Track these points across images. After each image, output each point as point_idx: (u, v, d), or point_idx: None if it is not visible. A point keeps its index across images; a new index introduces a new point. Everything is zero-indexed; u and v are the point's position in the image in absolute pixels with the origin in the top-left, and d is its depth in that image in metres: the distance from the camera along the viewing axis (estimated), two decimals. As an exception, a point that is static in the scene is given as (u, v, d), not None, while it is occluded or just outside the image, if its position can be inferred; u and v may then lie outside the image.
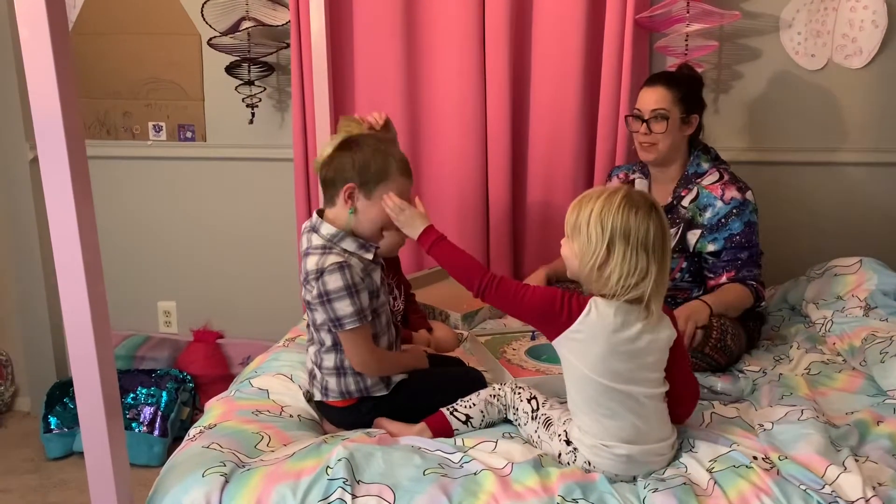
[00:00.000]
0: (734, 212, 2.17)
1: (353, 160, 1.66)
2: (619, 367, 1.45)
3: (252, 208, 2.99)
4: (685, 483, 1.41)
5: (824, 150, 2.68)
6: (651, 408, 1.49)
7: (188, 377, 2.91)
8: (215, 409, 1.75)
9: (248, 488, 1.40)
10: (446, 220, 2.67)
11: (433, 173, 2.74)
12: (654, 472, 1.49)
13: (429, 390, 1.73)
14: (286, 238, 2.92)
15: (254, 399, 1.79)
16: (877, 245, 2.57)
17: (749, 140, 2.71)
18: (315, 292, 1.61)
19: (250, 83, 2.77)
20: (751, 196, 2.20)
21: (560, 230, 2.45)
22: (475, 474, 1.44)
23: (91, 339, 1.27)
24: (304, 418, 1.75)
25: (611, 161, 2.59)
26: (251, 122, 2.82)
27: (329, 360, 1.69)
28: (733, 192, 2.18)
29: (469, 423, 1.64)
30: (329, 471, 1.41)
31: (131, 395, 2.77)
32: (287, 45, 2.74)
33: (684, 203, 2.23)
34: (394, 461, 1.45)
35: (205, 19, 2.70)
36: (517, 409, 1.64)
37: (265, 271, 3.02)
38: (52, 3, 1.15)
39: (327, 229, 1.67)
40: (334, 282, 1.59)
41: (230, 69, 2.76)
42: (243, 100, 2.79)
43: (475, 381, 1.78)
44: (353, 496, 1.37)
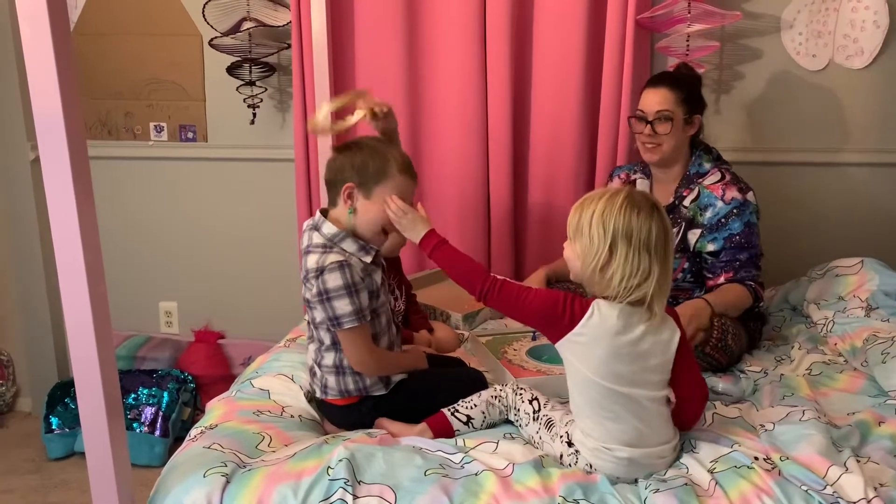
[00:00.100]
0: (734, 212, 2.16)
1: (352, 161, 1.68)
2: (622, 369, 1.45)
3: (253, 209, 2.99)
4: (686, 484, 1.41)
5: (825, 151, 2.68)
6: (653, 411, 1.48)
7: (189, 377, 2.92)
8: (216, 409, 1.75)
9: (250, 489, 1.40)
10: (447, 220, 2.67)
11: (434, 173, 2.74)
12: (656, 473, 1.49)
13: (430, 391, 1.73)
14: (287, 238, 2.92)
15: (255, 399, 1.79)
16: (878, 246, 2.57)
17: (750, 140, 2.71)
18: (315, 290, 1.62)
19: (251, 83, 2.77)
20: (752, 197, 2.20)
21: (561, 230, 2.44)
22: (476, 475, 1.44)
23: (92, 339, 1.27)
24: (305, 419, 1.75)
25: (612, 161, 2.59)
26: (252, 122, 2.83)
27: (328, 359, 1.70)
28: (734, 193, 2.18)
29: (470, 424, 1.64)
30: (330, 471, 1.41)
31: (132, 396, 2.77)
32: (288, 46, 2.74)
33: (685, 203, 2.23)
34: (395, 462, 1.45)
35: (206, 20, 2.70)
36: (518, 410, 1.64)
37: (266, 272, 3.02)
38: (53, 4, 1.15)
39: (329, 229, 1.67)
40: (334, 280, 1.59)
41: (231, 70, 2.76)
42: (244, 100, 2.79)
43: (476, 382, 1.78)
44: (354, 496, 1.37)
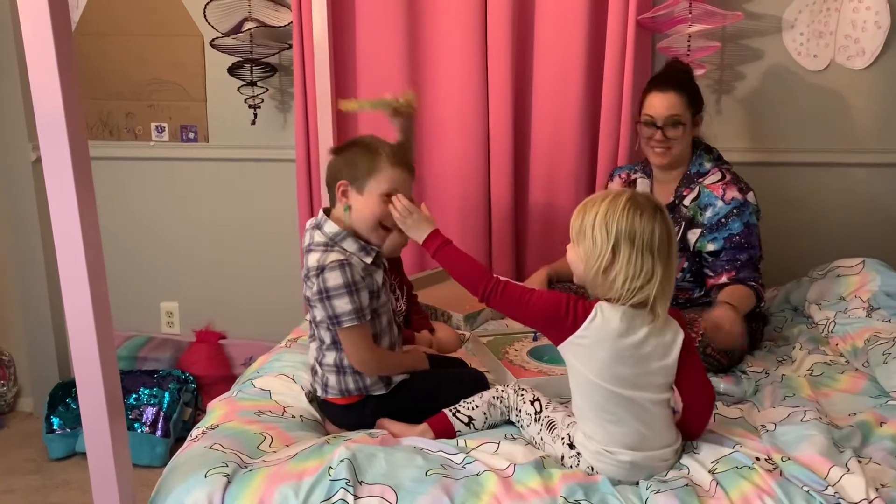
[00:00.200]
0: (734, 212, 2.16)
1: (344, 159, 1.70)
2: (625, 372, 1.45)
3: (254, 209, 2.99)
4: (687, 484, 1.41)
5: (826, 151, 2.68)
6: (656, 414, 1.48)
7: (190, 378, 2.91)
8: (217, 409, 1.75)
9: (251, 489, 1.40)
10: (448, 220, 2.67)
11: (435, 173, 2.74)
12: (657, 474, 1.49)
13: (431, 391, 1.73)
14: (288, 239, 2.93)
15: (256, 400, 1.79)
16: (880, 246, 2.56)
17: (751, 141, 2.71)
18: (315, 289, 1.62)
19: (253, 84, 2.77)
20: (752, 197, 2.20)
21: (562, 230, 2.43)
22: (477, 475, 1.44)
23: (94, 339, 1.27)
24: (307, 419, 1.75)
25: (613, 161, 2.59)
26: (253, 122, 2.83)
27: (329, 358, 1.70)
28: (734, 193, 2.18)
29: (472, 425, 1.64)
30: (331, 471, 1.41)
31: (134, 396, 2.77)
32: (289, 46, 2.74)
33: (685, 202, 2.23)
34: (396, 462, 1.45)
35: (207, 20, 2.71)
36: (520, 411, 1.64)
37: (267, 272, 3.02)
38: (54, 4, 1.15)
39: (330, 228, 1.68)
40: (334, 279, 1.60)
41: (232, 70, 2.77)
42: (246, 100, 2.79)
43: (477, 382, 1.78)
44: (356, 497, 1.37)
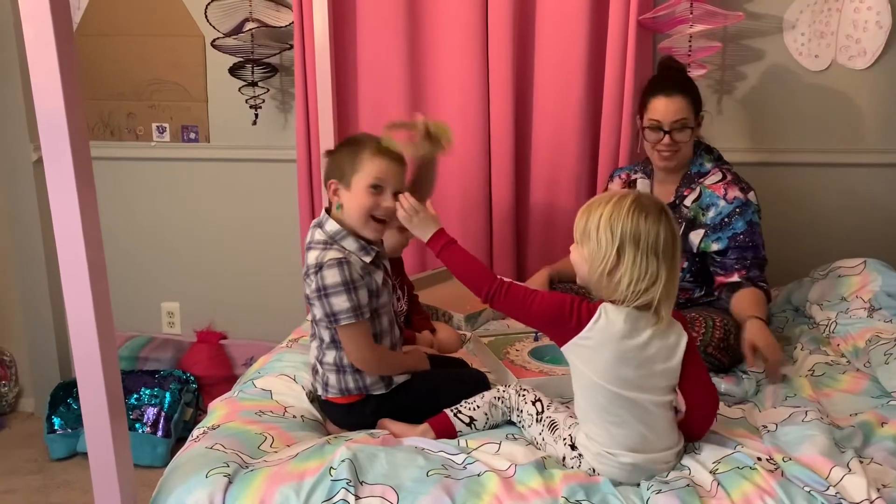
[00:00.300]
0: (737, 211, 2.16)
1: (332, 159, 1.73)
2: (628, 373, 1.44)
3: (255, 209, 2.99)
4: (689, 485, 1.41)
5: (828, 151, 2.68)
6: (659, 416, 1.48)
7: (191, 378, 2.91)
8: (218, 409, 1.75)
9: (252, 489, 1.40)
10: (449, 220, 2.67)
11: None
12: (658, 475, 1.48)
13: (432, 391, 1.73)
14: (289, 239, 2.93)
15: (257, 400, 1.80)
16: (880, 246, 2.56)
17: (752, 141, 2.71)
18: (313, 286, 1.63)
19: (254, 84, 2.77)
20: (753, 197, 2.20)
21: (563, 230, 2.43)
22: (478, 475, 1.43)
23: (95, 339, 1.27)
24: (308, 419, 1.75)
25: (614, 161, 2.59)
26: (254, 123, 2.83)
27: (329, 357, 1.70)
28: (736, 192, 2.18)
29: (473, 425, 1.64)
30: (332, 472, 1.41)
31: (135, 396, 2.77)
32: (290, 47, 2.74)
33: (686, 202, 2.22)
34: (397, 462, 1.45)
35: (208, 20, 2.71)
36: (521, 412, 1.64)
37: (268, 272, 3.02)
38: (56, 4, 1.15)
39: (331, 226, 1.69)
40: (332, 277, 1.60)
41: (234, 70, 2.77)
42: (247, 101, 2.79)
43: (478, 383, 1.78)
44: (357, 497, 1.37)
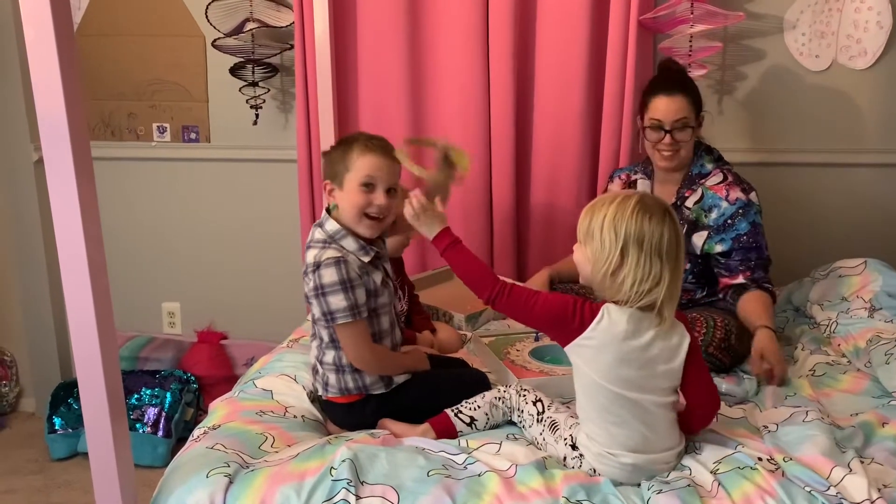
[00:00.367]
0: (740, 212, 2.16)
1: (326, 160, 1.75)
2: (631, 374, 1.44)
3: (256, 209, 2.99)
4: (689, 485, 1.41)
5: (828, 152, 2.68)
6: (660, 416, 1.48)
7: (192, 378, 2.91)
8: (219, 409, 1.75)
9: (252, 489, 1.40)
10: (450, 220, 2.62)
11: (437, 174, 2.74)
12: (658, 475, 1.48)
13: (432, 391, 1.73)
14: (289, 239, 2.93)
15: (258, 400, 1.80)
16: (881, 246, 2.56)
17: (753, 141, 2.71)
18: (311, 285, 1.63)
19: (254, 84, 2.77)
20: (755, 197, 2.20)
21: (563, 230, 2.42)
22: (479, 476, 1.43)
23: (96, 339, 1.27)
24: (308, 419, 1.75)
25: (615, 162, 2.59)
26: (255, 123, 2.83)
27: (329, 356, 1.70)
28: (738, 193, 2.18)
29: (473, 425, 1.64)
30: (333, 472, 1.41)
31: (135, 396, 2.77)
32: (291, 47, 2.75)
33: (688, 204, 2.22)
34: (398, 462, 1.45)
35: (209, 21, 2.71)
36: (522, 412, 1.63)
37: (269, 272, 3.02)
38: (56, 5, 1.15)
39: (331, 226, 1.69)
40: (329, 276, 1.61)
41: (234, 70, 2.77)
42: (247, 101, 2.79)
43: (479, 383, 1.78)
44: (357, 497, 1.37)
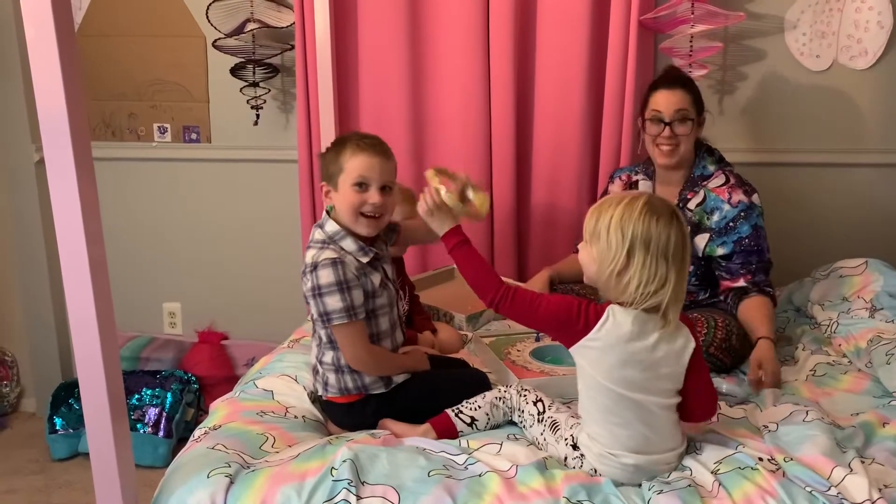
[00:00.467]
0: (742, 215, 2.16)
1: (322, 162, 1.76)
2: (635, 376, 1.44)
3: (256, 210, 2.99)
4: (690, 485, 1.41)
5: (829, 152, 2.68)
6: (663, 418, 1.48)
7: (193, 378, 2.92)
8: (220, 410, 1.76)
9: (253, 489, 1.40)
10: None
11: (437, 174, 2.74)
12: (659, 475, 1.48)
13: (433, 391, 1.73)
14: (290, 239, 2.93)
15: (258, 400, 1.80)
16: (882, 246, 2.56)
17: (753, 141, 2.71)
18: (308, 285, 1.64)
19: (255, 85, 2.77)
20: (757, 199, 2.20)
21: (564, 230, 2.42)
22: (480, 476, 1.43)
23: (96, 339, 1.27)
24: (309, 419, 1.75)
25: (615, 162, 2.59)
26: (256, 123, 2.83)
27: (328, 356, 1.71)
28: (740, 196, 2.18)
29: (474, 426, 1.64)
30: (334, 472, 1.41)
31: (136, 397, 2.77)
32: (292, 47, 2.75)
33: (690, 206, 2.22)
34: (398, 462, 1.45)
35: (210, 21, 2.71)
36: (523, 412, 1.63)
37: (270, 273, 3.02)
38: (57, 5, 1.15)
39: (331, 227, 1.70)
40: (326, 277, 1.61)
41: (235, 71, 2.77)
42: (248, 101, 2.80)
43: (479, 383, 1.78)
44: (358, 497, 1.37)
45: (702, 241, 2.19)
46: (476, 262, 1.60)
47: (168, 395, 2.78)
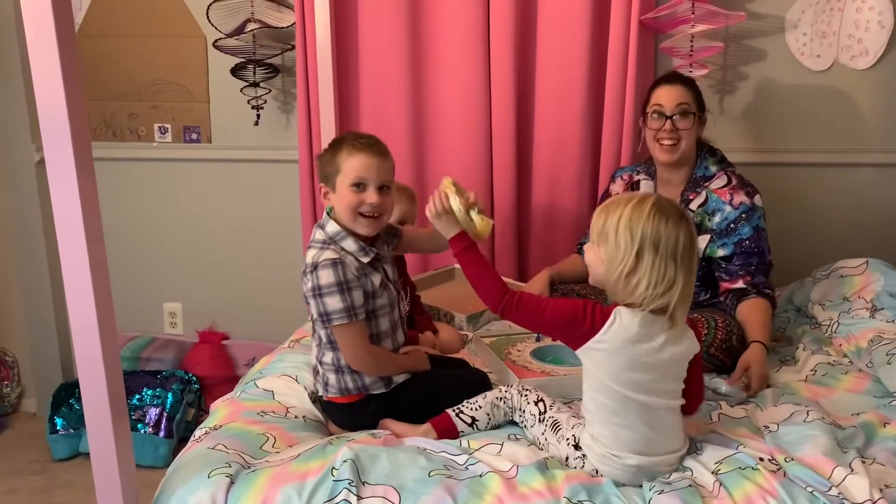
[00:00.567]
0: (743, 216, 2.16)
1: (319, 163, 1.76)
2: (641, 377, 1.44)
3: (257, 210, 2.99)
4: (691, 485, 1.41)
5: (830, 152, 2.68)
6: (667, 419, 1.48)
7: (193, 378, 2.92)
8: (221, 410, 1.76)
9: (254, 489, 1.40)
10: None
11: (438, 174, 2.73)
12: (660, 476, 1.48)
13: (433, 391, 1.73)
14: (291, 239, 2.93)
15: (259, 400, 1.80)
16: (882, 246, 2.56)
17: (754, 141, 2.71)
18: (309, 286, 1.64)
19: (255, 85, 2.77)
20: (759, 200, 2.19)
21: (564, 230, 2.41)
22: (481, 476, 1.43)
23: (97, 339, 1.27)
24: (310, 419, 1.75)
25: (616, 162, 2.59)
26: (256, 123, 2.83)
27: (328, 357, 1.71)
28: (742, 197, 2.18)
29: (475, 426, 1.64)
30: (334, 472, 1.41)
31: (137, 397, 2.77)
32: (292, 47, 2.75)
33: (692, 207, 2.22)
34: (399, 462, 1.45)
35: (210, 21, 2.71)
36: (524, 412, 1.63)
37: (270, 273, 3.02)
38: (57, 5, 1.15)
39: (332, 227, 1.70)
40: (326, 277, 1.61)
41: (235, 71, 2.77)
42: (248, 101, 2.80)
43: (480, 383, 1.78)
44: (359, 497, 1.37)
45: (703, 242, 2.19)
46: (482, 267, 1.61)
47: (169, 395, 2.78)
